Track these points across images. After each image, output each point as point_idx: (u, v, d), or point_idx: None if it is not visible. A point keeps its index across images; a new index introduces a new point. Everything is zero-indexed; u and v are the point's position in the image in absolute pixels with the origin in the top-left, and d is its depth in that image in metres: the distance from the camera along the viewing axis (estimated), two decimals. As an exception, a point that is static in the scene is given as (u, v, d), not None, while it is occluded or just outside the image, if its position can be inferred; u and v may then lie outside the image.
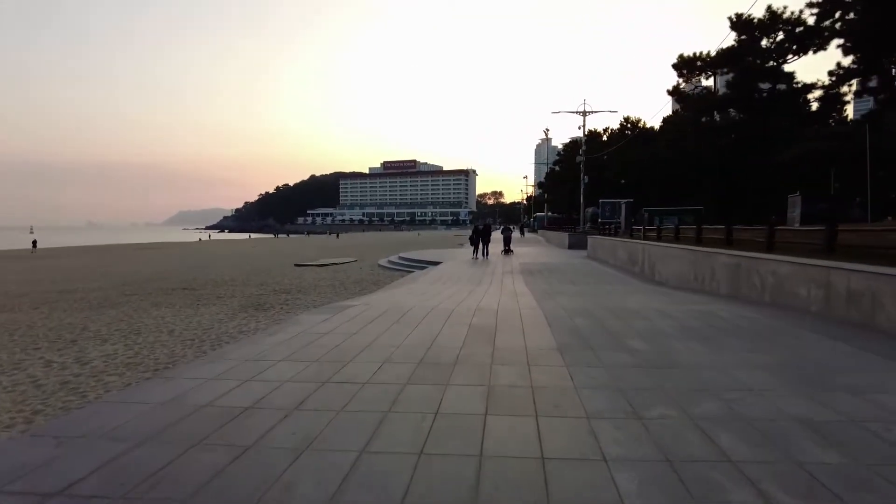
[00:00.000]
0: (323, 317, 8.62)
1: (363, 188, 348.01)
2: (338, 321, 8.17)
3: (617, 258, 23.02)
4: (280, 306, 16.23)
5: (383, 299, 11.62)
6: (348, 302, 11.14)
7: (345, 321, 8.15)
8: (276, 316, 14.27)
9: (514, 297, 12.09)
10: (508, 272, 20.89)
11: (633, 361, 5.73)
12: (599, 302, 10.70)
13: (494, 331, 7.34)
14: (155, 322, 13.99)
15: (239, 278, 25.14)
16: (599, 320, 8.16)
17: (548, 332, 7.30)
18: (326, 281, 23.21)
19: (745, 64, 29.63)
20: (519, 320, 8.19)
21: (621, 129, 65.18)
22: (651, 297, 11.94)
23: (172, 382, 5.13)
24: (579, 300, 11.18)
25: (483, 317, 8.53)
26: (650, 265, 18.14)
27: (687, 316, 8.49)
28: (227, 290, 20.85)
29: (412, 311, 9.19)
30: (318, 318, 8.54)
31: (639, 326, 7.63)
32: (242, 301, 17.58)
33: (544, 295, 12.48)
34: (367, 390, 4.78)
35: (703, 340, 6.73)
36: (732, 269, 11.71)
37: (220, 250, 58.72)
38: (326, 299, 17.37)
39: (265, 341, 6.86)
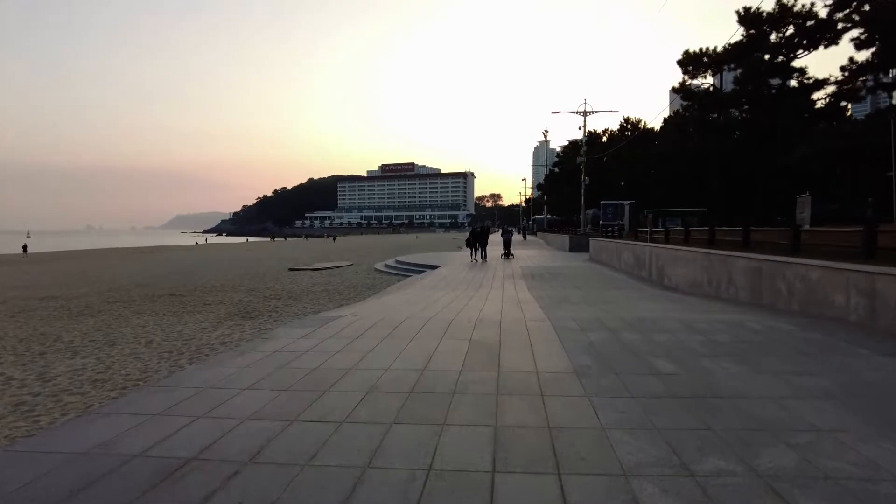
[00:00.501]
0: (304, 331, 7.67)
1: (361, 191, 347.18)
2: (320, 336, 7.23)
3: (622, 261, 22.12)
4: (268, 314, 15.34)
5: (375, 308, 10.70)
6: (336, 312, 10.21)
7: (328, 336, 7.21)
8: (263, 325, 13.39)
9: (518, 304, 11.17)
10: (509, 276, 20.00)
11: (665, 389, 4.79)
12: (611, 311, 9.78)
13: (498, 348, 6.41)
14: (134, 332, 13.13)
15: (230, 283, 24.25)
16: (615, 334, 7.23)
17: (559, 349, 6.37)
18: (320, 286, 22.34)
19: (753, 59, 28.68)
20: (525, 334, 7.26)
21: (621, 129, 64.31)
22: (665, 305, 11.04)
23: (108, 420, 4.19)
24: (589, 309, 10.26)
25: (485, 330, 7.60)
26: (658, 269, 17.24)
27: (712, 328, 7.56)
28: (215, 296, 19.96)
29: (406, 322, 8.26)
30: (299, 332, 7.59)
31: (661, 342, 6.70)
32: (230, 308, 16.70)
33: (550, 302, 11.56)
34: (344, 433, 3.83)
35: (738, 359, 5.80)
36: (753, 273, 10.81)
37: (215, 254, 57.84)
38: (318, 306, 16.49)
39: (233, 362, 5.93)
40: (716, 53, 30.39)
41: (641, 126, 62.20)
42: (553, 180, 76.56)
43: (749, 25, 29.07)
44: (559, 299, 12.53)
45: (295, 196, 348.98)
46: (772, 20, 28.54)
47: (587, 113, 41.64)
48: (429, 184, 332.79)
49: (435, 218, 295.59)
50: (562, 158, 77.01)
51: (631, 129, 61.37)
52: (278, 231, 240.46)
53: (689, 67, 30.92)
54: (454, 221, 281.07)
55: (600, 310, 10.00)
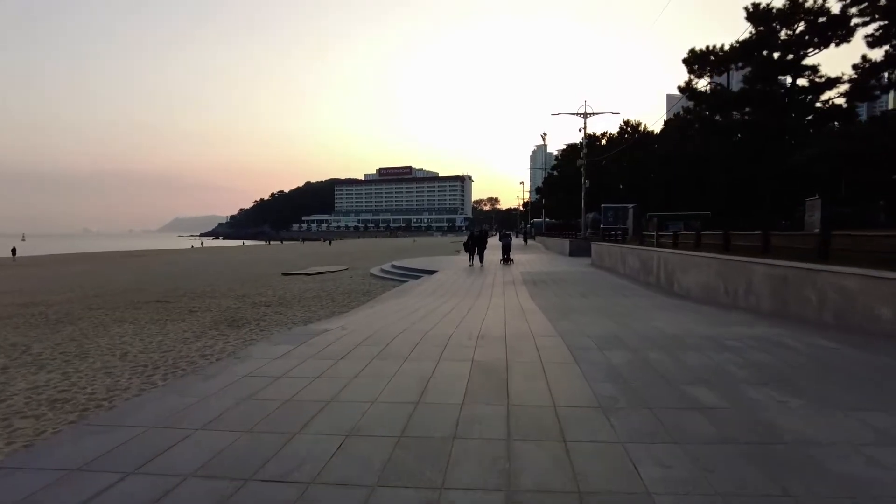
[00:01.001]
0: (284, 348, 6.74)
1: (359, 194, 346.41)
2: (301, 356, 6.30)
3: (627, 267, 21.25)
4: (256, 323, 14.49)
5: (367, 320, 9.79)
6: (323, 324, 9.28)
7: (310, 356, 6.27)
8: (248, 336, 12.55)
9: (522, 315, 10.27)
10: (510, 282, 19.13)
11: (715, 432, 3.87)
12: (626, 323, 8.87)
13: (506, 372, 5.48)
14: (111, 342, 12.31)
15: (220, 289, 23.39)
16: (638, 353, 6.32)
17: (577, 373, 5.45)
18: (312, 292, 21.48)
19: (762, 57, 27.65)
20: (535, 353, 6.34)
21: (621, 132, 63.54)
22: (682, 316, 10.14)
23: (4, 482, 3.28)
24: (602, 321, 9.34)
25: (489, 347, 6.68)
26: (667, 275, 16.37)
27: (745, 345, 6.66)
28: (203, 302, 19.11)
29: (399, 338, 7.34)
30: (278, 350, 6.65)
31: (693, 364, 5.80)
32: (216, 316, 15.87)
33: (557, 313, 10.66)
34: (308, 501, 2.94)
35: (790, 388, 4.88)
36: (777, 281, 9.92)
37: (209, 258, 56.95)
38: (308, 314, 15.65)
39: (194, 389, 5.01)
40: (723, 52, 29.42)
41: (642, 129, 61.50)
42: (552, 184, 75.74)
43: (758, 22, 28.07)
44: (566, 309, 11.64)
45: (292, 199, 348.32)
46: (782, 17, 27.56)
47: (587, 115, 40.82)
48: (426, 187, 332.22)
49: (432, 221, 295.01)
50: (560, 162, 76.21)
51: (631, 132, 60.62)
52: (275, 235, 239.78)
53: (694, 66, 29.96)
54: (452, 225, 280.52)
55: (613, 322, 9.10)
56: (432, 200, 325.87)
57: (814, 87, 28.05)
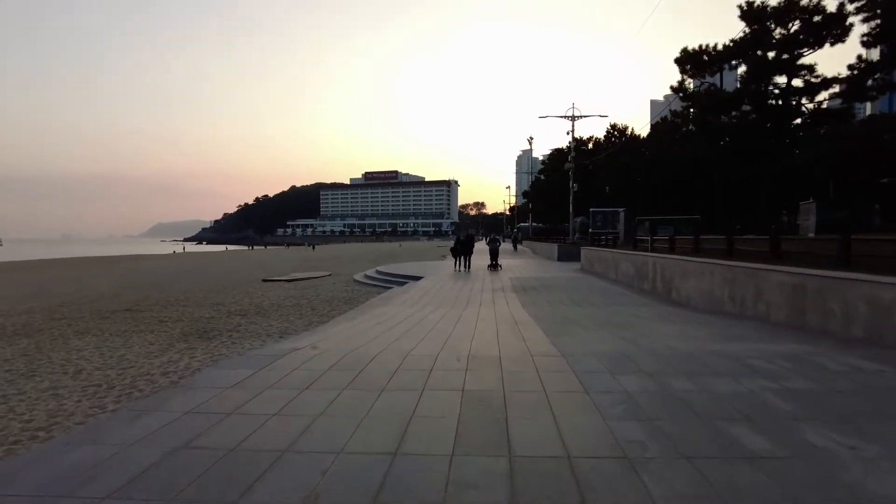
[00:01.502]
0: (240, 374, 5.69)
1: (344, 199, 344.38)
2: (259, 385, 5.27)
3: (620, 273, 20.43)
4: (228, 334, 13.48)
5: (343, 335, 8.77)
6: (292, 342, 8.25)
7: (269, 385, 5.24)
8: (217, 350, 11.55)
9: (516, 327, 9.33)
10: (499, 289, 18.24)
11: (780, 495, 2.95)
12: (632, 338, 7.95)
13: (504, 407, 4.49)
14: (67, 357, 11.25)
15: (196, 296, 22.28)
16: (655, 377, 5.37)
17: (590, 407, 4.48)
18: (292, 300, 20.46)
19: (757, 57, 26.79)
20: (536, 380, 5.36)
21: (608, 136, 63.14)
22: (692, 329, 9.26)
23: None
24: (604, 335, 8.42)
25: (481, 372, 5.70)
26: (665, 282, 15.55)
27: (776, 367, 5.76)
28: (175, 311, 18.04)
29: (377, 360, 6.34)
30: (231, 377, 5.58)
31: (724, 392, 4.86)
32: (187, 326, 14.84)
33: (553, 325, 9.74)
34: None
35: (853, 428, 3.95)
36: (794, 291, 9.08)
37: (189, 263, 55.47)
38: (285, 325, 14.65)
39: (113, 435, 3.96)
40: (716, 51, 28.71)
41: (629, 133, 61.07)
42: (539, 188, 75.10)
43: (752, 21, 27.34)
44: (562, 320, 10.74)
45: (277, 204, 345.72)
46: (777, 15, 26.86)
47: (575, 118, 40.16)
48: (412, 192, 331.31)
49: (419, 226, 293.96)
50: (547, 166, 75.62)
51: (619, 136, 60.16)
52: (259, 239, 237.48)
53: (687, 66, 29.16)
54: (438, 229, 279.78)
55: (618, 336, 8.19)
56: (418, 205, 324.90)
57: (809, 87, 27.40)
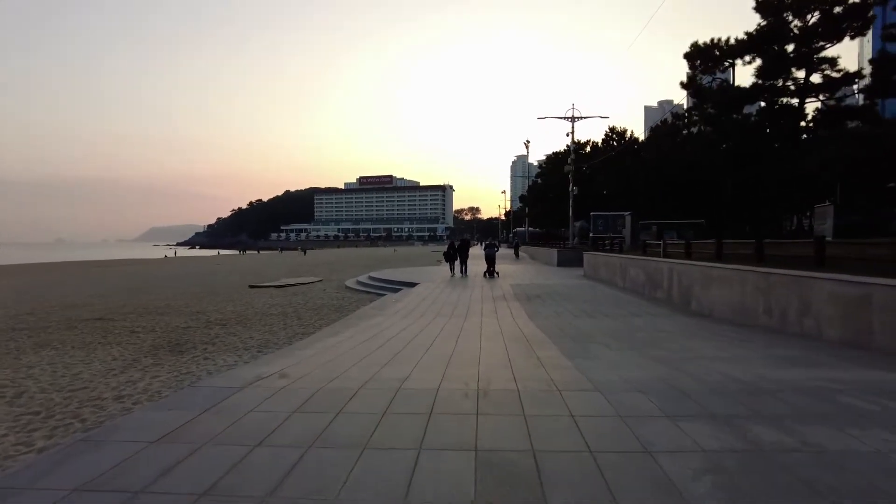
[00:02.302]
0: (178, 418, 4.19)
1: (339, 203, 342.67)
2: (194, 438, 3.81)
3: (627, 279, 19.12)
4: (202, 347, 12.08)
5: (321, 359, 7.32)
6: (257, 368, 6.73)
7: (207, 439, 3.77)
8: (186, 366, 10.16)
9: (528, 345, 7.97)
10: (500, 297, 16.91)
11: None
12: (670, 360, 6.56)
13: (538, 482, 3.03)
14: (11, 376, 9.81)
15: (177, 303, 20.87)
16: (730, 424, 3.95)
17: (661, 480, 3.01)
18: (278, 308, 19.08)
19: (775, 51, 25.33)
20: (575, 430, 3.91)
21: (606, 140, 61.96)
22: (733, 348, 7.87)
23: None
24: (635, 357, 7.00)
25: (498, 419, 4.27)
26: (683, 290, 14.23)
27: (879, 407, 4.43)
28: (151, 320, 16.63)
29: (359, 399, 4.87)
30: (164, 423, 4.09)
31: (837, 450, 3.45)
32: (159, 338, 13.45)
33: (569, 341, 8.37)
34: None
35: None
36: (855, 304, 7.73)
37: (178, 268, 53.93)
38: (267, 336, 13.27)
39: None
40: (728, 46, 27.31)
41: (628, 136, 59.97)
42: (536, 192, 73.85)
43: (768, 13, 25.97)
44: (576, 334, 9.39)
45: (271, 208, 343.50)
46: (795, 6, 25.49)
47: (575, 119, 38.94)
48: (407, 196, 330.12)
49: (413, 231, 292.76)
50: (544, 170, 74.37)
51: (617, 139, 59.03)
52: (253, 244, 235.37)
53: (696, 62, 27.75)
54: (433, 234, 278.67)
55: (652, 358, 6.82)
56: (413, 210, 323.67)
57: (829, 82, 26.10)
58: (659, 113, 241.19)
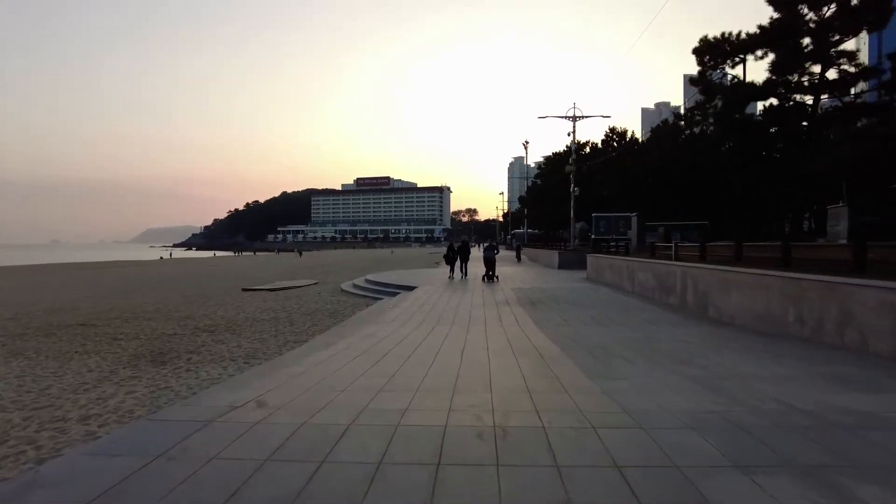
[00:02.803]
0: (117, 470, 3.24)
1: (336, 205, 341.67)
2: (134, 501, 3.03)
3: (636, 283, 18.29)
4: (186, 357, 11.22)
5: (305, 381, 6.30)
6: (231, 394, 5.65)
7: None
8: (166, 380, 9.32)
9: (542, 363, 7.06)
10: (503, 302, 16.08)
11: None
12: (709, 382, 5.64)
13: None
14: (-26, 389, 8.95)
15: (166, 308, 19.99)
16: (828, 483, 3.14)
17: None
18: (270, 312, 18.23)
19: (791, 45, 24.39)
20: (625, 489, 3.13)
21: (606, 140, 61.16)
22: (775, 365, 6.96)
23: None
24: (667, 376, 6.06)
25: (523, 475, 3.39)
26: (698, 295, 13.40)
27: None
28: (136, 326, 15.78)
29: (346, 443, 3.92)
30: (99, 477, 3.17)
31: None
32: (142, 346, 12.60)
33: (587, 356, 7.48)
34: None
35: None
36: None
37: (172, 270, 52.95)
38: (255, 345, 12.41)
39: None
40: (740, 40, 26.32)
41: (628, 137, 59.22)
42: (534, 193, 73.00)
43: (782, 6, 25.09)
44: (594, 347, 8.50)
45: (267, 210, 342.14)
46: (811, 0, 24.68)
47: (577, 118, 38.16)
48: (405, 198, 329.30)
49: (411, 232, 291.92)
50: (544, 170, 73.52)
51: (618, 140, 58.24)
52: (249, 245, 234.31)
53: (706, 57, 26.77)
54: (430, 236, 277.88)
55: (688, 378, 5.88)
56: (410, 211, 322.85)
57: (845, 78, 25.10)
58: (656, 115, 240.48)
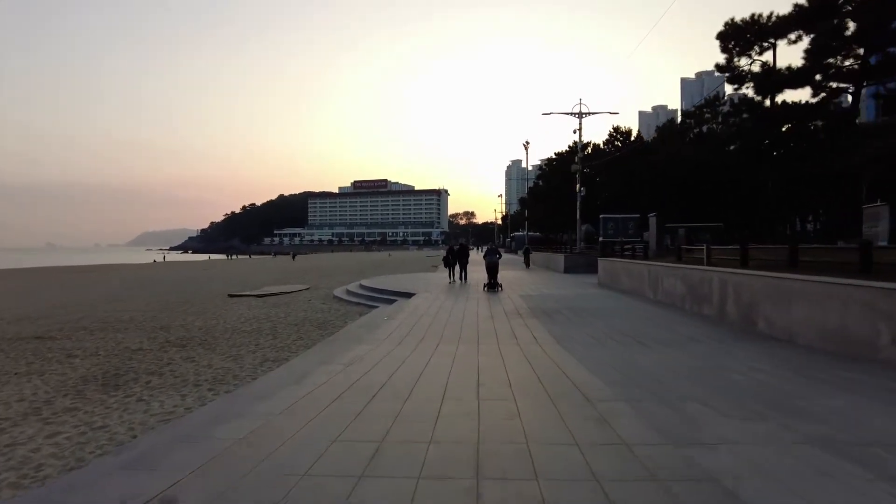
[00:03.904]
0: None
1: (333, 208, 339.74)
2: None
3: (662, 291, 16.41)
4: (145, 380, 9.37)
5: (266, 440, 4.44)
6: (141, 481, 3.97)
7: None
8: (109, 413, 7.60)
9: (595, 416, 5.13)
10: (514, 313, 14.25)
11: None
12: (862, 460, 3.83)
13: None
14: None
15: (141, 316, 18.12)
16: None
17: None
18: (254, 322, 16.39)
19: (829, 26, 22.41)
20: None
21: (610, 139, 59.44)
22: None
23: None
24: (796, 446, 4.13)
25: None
26: (741, 306, 11.53)
27: None
28: (100, 338, 13.95)
29: None
30: None
31: None
32: (97, 365, 10.78)
33: (646, 397, 5.57)
34: None
35: None
36: None
37: (161, 274, 50.98)
38: (229, 364, 10.53)
39: None
40: (772, 22, 24.31)
41: (633, 137, 57.54)
42: (536, 194, 71.14)
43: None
44: (651, 383, 6.52)
45: (264, 212, 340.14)
46: (849, -23, 22.66)
47: (583, 114, 36.37)
48: (402, 201, 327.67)
49: (408, 235, 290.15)
50: (545, 171, 71.68)
51: (622, 139, 56.51)
52: (245, 248, 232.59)
53: (730, 43, 24.71)
54: (427, 239, 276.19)
55: (820, 447, 3.94)
56: (408, 214, 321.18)
57: (890, 61, 23.02)
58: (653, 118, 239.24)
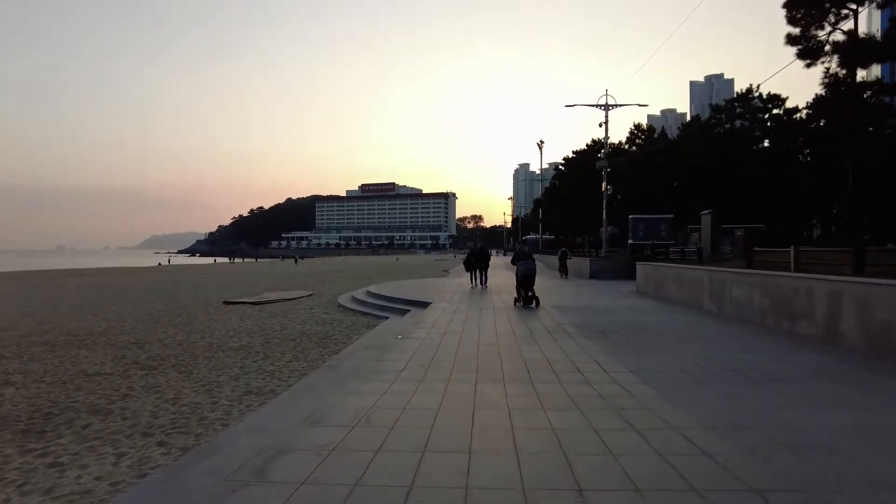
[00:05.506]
0: None
1: (340, 211, 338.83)
2: None
3: (731, 302, 13.59)
4: (81, 423, 6.87)
5: None
6: None
7: None
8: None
9: None
10: (557, 330, 11.58)
11: None
12: None
13: None
14: None
15: (119, 327, 15.70)
16: None
17: None
18: (244, 336, 13.87)
19: None
20: None
21: (631, 138, 56.74)
22: None
23: None
24: None
25: None
26: (863, 324, 8.81)
27: None
28: (56, 358, 11.53)
29: None
30: None
31: None
32: (33, 397, 8.44)
33: None
34: None
35: None
36: None
37: (161, 278, 48.67)
38: (197, 399, 7.87)
39: None
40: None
41: (655, 135, 54.85)
42: (552, 194, 68.31)
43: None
44: (804, 441, 4.02)
45: (272, 216, 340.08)
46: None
47: (610, 106, 33.69)
48: (409, 204, 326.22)
49: (416, 239, 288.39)
50: (561, 172, 68.85)
51: (644, 137, 53.77)
52: (253, 252, 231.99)
53: (798, 12, 21.32)
54: (435, 242, 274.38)
55: None
56: (416, 217, 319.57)
57: None
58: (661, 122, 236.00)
